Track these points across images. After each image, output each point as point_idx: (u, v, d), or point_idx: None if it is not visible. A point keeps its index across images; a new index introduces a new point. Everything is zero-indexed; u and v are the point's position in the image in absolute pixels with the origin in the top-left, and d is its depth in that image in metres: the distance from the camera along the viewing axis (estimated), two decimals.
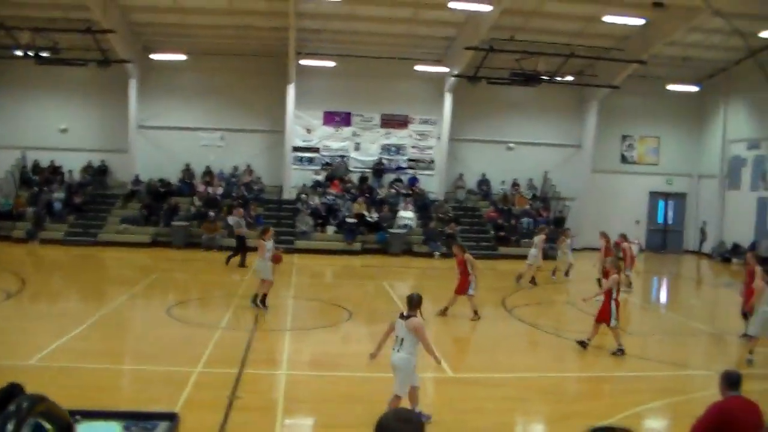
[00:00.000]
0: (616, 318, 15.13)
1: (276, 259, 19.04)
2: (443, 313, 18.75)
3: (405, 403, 9.80)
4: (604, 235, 25.13)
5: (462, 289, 18.61)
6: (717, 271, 33.07)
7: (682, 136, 38.23)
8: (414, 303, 10.46)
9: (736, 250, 34.41)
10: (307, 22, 29.83)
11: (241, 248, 26.56)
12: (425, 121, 35.56)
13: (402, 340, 10.13)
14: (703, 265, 34.65)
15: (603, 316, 15.23)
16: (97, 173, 34.23)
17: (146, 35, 32.67)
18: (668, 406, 11.98)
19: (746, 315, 17.34)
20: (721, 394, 7.90)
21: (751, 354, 14.57)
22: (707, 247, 36.98)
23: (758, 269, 17.53)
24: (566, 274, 26.33)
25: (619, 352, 15.04)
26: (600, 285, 23.76)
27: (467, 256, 18.61)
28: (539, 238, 25.80)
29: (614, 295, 15.20)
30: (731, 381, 7.97)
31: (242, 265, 26.05)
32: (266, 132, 34.44)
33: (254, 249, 25.60)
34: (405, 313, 10.39)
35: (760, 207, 33.52)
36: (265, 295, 18.46)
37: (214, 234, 30.46)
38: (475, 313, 18.53)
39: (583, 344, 15.38)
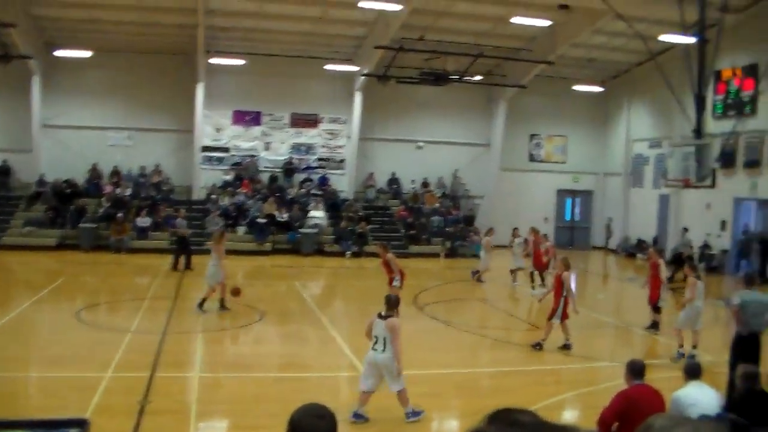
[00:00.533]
0: (558, 316, 15.44)
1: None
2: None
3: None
4: (534, 231, 25.53)
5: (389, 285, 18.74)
6: (622, 266, 33.95)
7: (588, 135, 39.12)
8: (392, 303, 10.77)
9: (640, 245, 35.37)
10: (216, 20, 29.48)
11: (185, 250, 26.23)
12: (335, 121, 35.55)
13: (384, 339, 10.37)
14: (609, 260, 35.52)
15: (562, 314, 15.55)
16: None
17: (50, 30, 31.64)
18: (577, 397, 12.28)
19: (654, 307, 17.96)
20: (626, 383, 8.22)
21: (682, 348, 14.74)
22: (613, 243, 37.92)
23: (661, 262, 18.25)
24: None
25: (566, 346, 15.45)
26: (533, 278, 24.34)
27: (389, 255, 18.79)
28: (486, 240, 26.00)
29: (564, 293, 15.50)
30: (635, 370, 8.35)
31: (188, 267, 25.81)
32: (175, 131, 33.89)
33: (196, 252, 25.70)
34: (383, 313, 10.60)
35: (662, 204, 34.53)
36: (222, 299, 18.52)
37: (123, 236, 29.88)
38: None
39: (538, 346, 15.61)
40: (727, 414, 7.94)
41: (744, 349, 11.54)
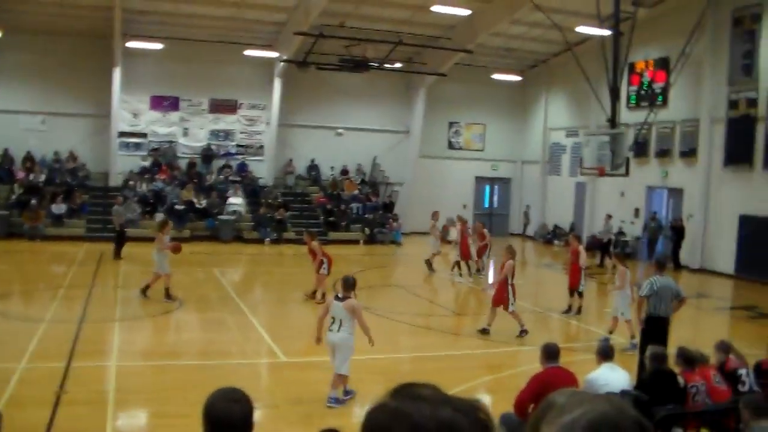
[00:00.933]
0: (513, 302, 15.81)
1: (175, 249, 18.79)
2: (313, 296, 19.07)
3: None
4: (461, 220, 25.77)
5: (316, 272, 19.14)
6: (540, 253, 34.54)
7: (507, 124, 39.63)
8: (349, 284, 10.96)
9: (557, 232, 36.10)
10: (134, 3, 28.87)
11: (122, 239, 25.83)
12: (254, 107, 35.28)
13: (341, 320, 10.61)
14: (527, 247, 36.08)
15: (499, 301, 15.86)
16: None
17: None
18: (495, 381, 12.54)
19: (572, 292, 18.48)
20: (541, 365, 8.47)
21: (634, 339, 14.58)
22: (531, 230, 38.57)
23: (581, 249, 18.82)
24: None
25: (523, 333, 15.75)
26: (459, 267, 24.59)
27: (314, 243, 19.19)
28: (431, 224, 25.97)
29: (510, 280, 15.86)
30: (550, 353, 8.63)
31: (118, 256, 25.33)
32: (91, 116, 33.07)
33: (131, 239, 25.38)
34: (340, 295, 10.87)
35: (578, 191, 35.26)
36: (168, 289, 18.26)
37: (37, 223, 29.19)
38: (314, 293, 19.07)
39: (485, 331, 15.92)
40: (630, 391, 8.24)
41: (653, 332, 11.90)
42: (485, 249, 25.01)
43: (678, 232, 28.35)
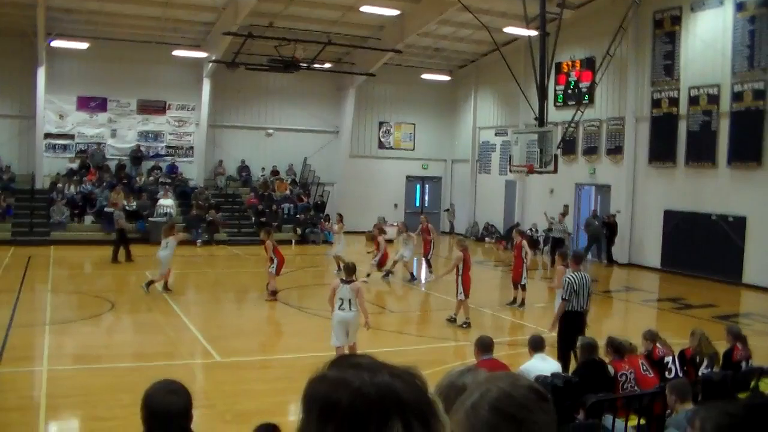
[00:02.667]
0: (463, 292, 16.59)
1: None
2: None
3: None
4: (425, 219, 25.93)
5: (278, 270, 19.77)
6: (471, 251, 34.78)
7: (436, 123, 39.95)
8: (351, 270, 12.62)
9: (489, 230, 36.50)
10: (58, 1, 28.34)
11: (123, 241, 25.79)
12: (183, 107, 34.94)
13: (349, 300, 12.16)
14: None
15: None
16: None
17: None
18: (429, 376, 12.62)
19: (516, 285, 19.06)
20: (476, 358, 8.64)
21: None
22: (460, 228, 38.89)
23: (524, 243, 19.49)
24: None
25: (465, 325, 16.35)
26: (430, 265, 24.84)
27: (267, 242, 19.80)
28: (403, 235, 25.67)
29: (460, 271, 16.57)
30: (484, 345, 8.82)
31: (129, 258, 25.58)
32: (15, 117, 32.34)
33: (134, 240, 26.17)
34: (345, 278, 12.39)
35: (509, 189, 35.74)
36: (166, 282, 19.69)
37: None
38: (273, 293, 19.51)
39: (452, 320, 16.85)
40: (561, 373, 8.45)
41: (570, 327, 12.15)
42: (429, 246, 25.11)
43: (611, 228, 28.81)
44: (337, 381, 1.65)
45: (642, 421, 7.24)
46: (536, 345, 9.50)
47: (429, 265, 24.87)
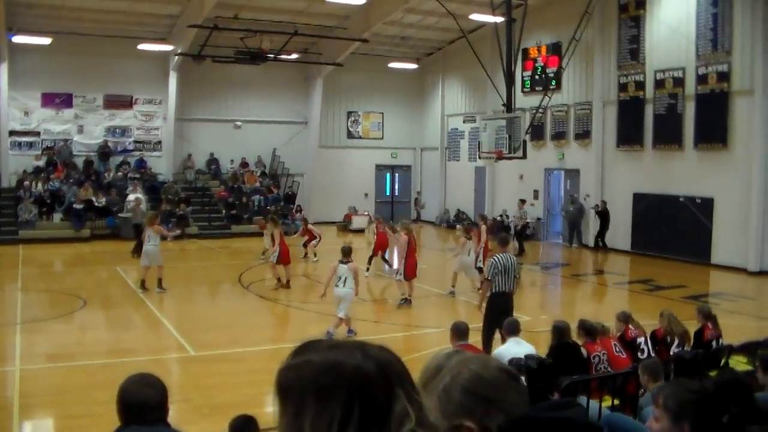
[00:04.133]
0: (403, 274, 17.91)
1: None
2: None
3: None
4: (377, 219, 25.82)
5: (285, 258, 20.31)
6: (443, 237, 34.96)
7: (405, 111, 39.98)
8: (347, 251, 14.44)
9: (459, 216, 36.60)
10: None
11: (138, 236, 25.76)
12: (150, 101, 34.69)
13: (345, 278, 14.00)
14: (429, 232, 36.44)
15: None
16: None
17: None
18: (407, 363, 12.68)
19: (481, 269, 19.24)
20: (451, 344, 8.68)
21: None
22: (430, 215, 38.96)
23: (483, 228, 19.74)
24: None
25: (404, 301, 17.74)
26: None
27: (275, 231, 20.75)
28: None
29: (403, 254, 18.16)
30: (460, 332, 8.88)
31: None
32: None
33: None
34: (344, 260, 14.21)
35: (478, 176, 35.87)
36: (160, 279, 19.33)
37: None
38: (280, 281, 20.20)
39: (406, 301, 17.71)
40: (535, 354, 8.52)
41: (496, 304, 12.26)
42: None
43: (603, 216, 28.43)
44: (329, 363, 1.68)
45: (616, 401, 7.33)
46: (512, 329, 9.55)
47: (387, 262, 24.48)
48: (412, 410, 1.66)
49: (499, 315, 11.55)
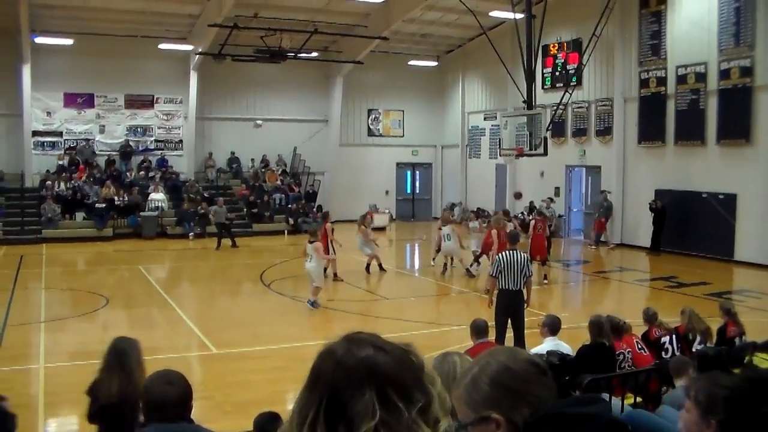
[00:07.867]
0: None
1: None
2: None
3: None
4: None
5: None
6: (463, 235, 34.83)
7: (425, 109, 39.95)
8: (312, 232, 18.07)
9: (480, 213, 36.46)
10: None
11: (227, 233, 28.24)
12: (171, 101, 34.85)
13: (311, 255, 16.85)
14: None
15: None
16: None
17: None
18: (429, 360, 12.67)
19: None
20: (472, 342, 8.64)
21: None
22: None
23: (493, 231, 19.69)
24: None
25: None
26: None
27: (327, 225, 21.30)
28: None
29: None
30: (479, 329, 8.82)
31: (234, 245, 27.88)
32: (1, 116, 31.98)
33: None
34: (310, 240, 17.24)
35: (499, 173, 35.77)
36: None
37: None
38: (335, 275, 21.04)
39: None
40: (556, 351, 8.44)
41: (503, 301, 12.24)
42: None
43: (659, 214, 26.56)
44: (327, 353, 1.80)
45: (638, 399, 7.28)
46: (552, 328, 9.40)
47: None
48: (381, 411, 1.69)
49: (505, 312, 11.84)
